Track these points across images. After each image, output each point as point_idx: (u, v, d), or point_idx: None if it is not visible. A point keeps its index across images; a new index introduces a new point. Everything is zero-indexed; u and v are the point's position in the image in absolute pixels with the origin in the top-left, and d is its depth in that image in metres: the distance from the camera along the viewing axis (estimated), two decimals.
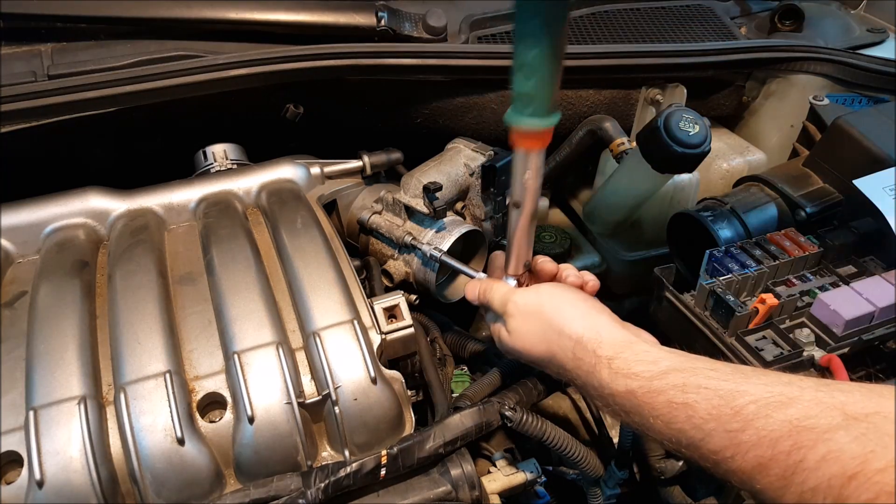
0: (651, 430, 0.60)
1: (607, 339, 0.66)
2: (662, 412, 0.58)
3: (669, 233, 1.13)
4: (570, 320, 0.69)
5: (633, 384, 0.61)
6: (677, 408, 0.57)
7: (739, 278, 0.87)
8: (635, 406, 0.61)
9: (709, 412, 0.55)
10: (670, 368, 0.60)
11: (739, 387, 0.55)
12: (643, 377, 0.61)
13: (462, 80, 1.14)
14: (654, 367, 0.61)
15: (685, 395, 0.57)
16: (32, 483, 0.62)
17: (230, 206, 0.96)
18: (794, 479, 0.48)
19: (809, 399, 0.50)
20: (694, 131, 1.04)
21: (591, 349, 0.66)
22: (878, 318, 0.82)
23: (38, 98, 0.92)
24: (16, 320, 0.77)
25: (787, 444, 0.49)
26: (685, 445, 0.57)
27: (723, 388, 0.55)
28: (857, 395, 0.49)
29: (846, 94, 1.27)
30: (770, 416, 0.51)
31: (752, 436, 0.51)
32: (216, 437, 0.70)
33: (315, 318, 0.77)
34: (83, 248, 0.87)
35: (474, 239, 1.08)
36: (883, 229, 0.90)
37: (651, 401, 0.59)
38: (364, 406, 0.73)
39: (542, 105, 0.67)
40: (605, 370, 0.64)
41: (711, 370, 0.58)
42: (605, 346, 0.65)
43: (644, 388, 0.60)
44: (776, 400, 0.52)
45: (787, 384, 0.53)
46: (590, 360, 0.65)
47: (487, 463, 0.89)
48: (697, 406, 0.56)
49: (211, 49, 1.05)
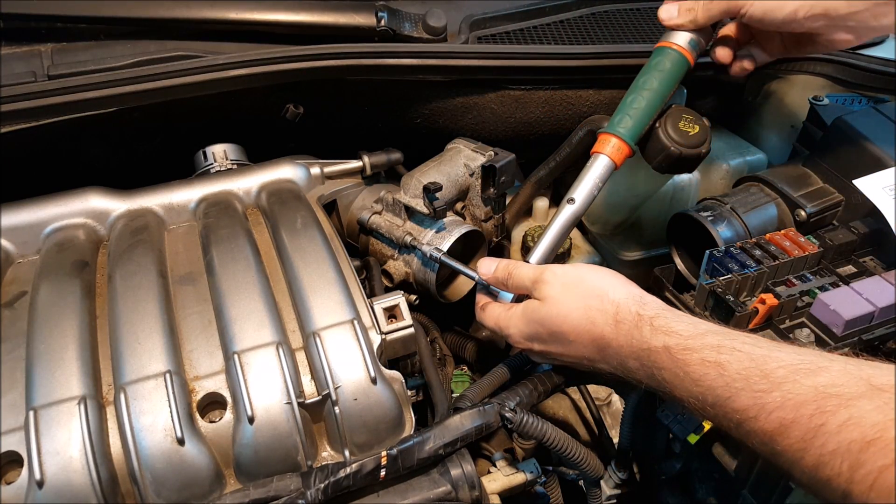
0: (677, 388, 0.63)
1: (651, 302, 0.70)
2: (694, 369, 0.61)
3: (669, 233, 1.13)
4: (613, 288, 0.72)
5: (670, 341, 0.64)
6: (709, 366, 0.60)
7: (739, 278, 0.87)
8: (668, 361, 0.63)
9: (739, 372, 0.57)
10: (708, 331, 0.63)
11: (772, 353, 0.57)
12: (682, 335, 0.64)
13: (462, 80, 1.14)
14: (693, 329, 0.64)
15: (719, 356, 0.60)
16: (32, 483, 0.62)
17: (230, 206, 0.96)
18: (814, 441, 0.49)
19: (838, 369, 0.53)
20: (694, 131, 1.04)
21: (635, 310, 0.69)
22: (878, 318, 0.82)
23: (38, 98, 0.91)
24: (16, 320, 0.77)
25: (811, 408, 0.50)
26: (710, 403, 0.59)
27: (756, 352, 0.58)
28: (885, 369, 0.51)
29: (846, 94, 1.27)
30: (798, 381, 0.53)
31: (777, 397, 0.53)
32: (216, 437, 0.70)
33: (315, 318, 0.77)
34: (83, 248, 0.87)
35: (474, 239, 1.08)
36: (883, 229, 0.90)
37: (685, 357, 0.62)
38: (364, 406, 0.73)
39: (635, 131, 0.91)
40: (646, 327, 0.66)
41: (747, 337, 0.61)
42: (648, 307, 0.69)
43: (681, 345, 0.63)
44: (805, 367, 0.54)
45: (818, 355, 0.56)
46: (632, 320, 0.68)
47: (487, 463, 0.90)
48: (729, 366, 0.58)
49: (211, 49, 1.05)
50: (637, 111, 0.91)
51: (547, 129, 1.25)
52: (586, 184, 0.88)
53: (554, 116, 1.23)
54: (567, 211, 0.87)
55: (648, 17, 1.34)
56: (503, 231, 1.17)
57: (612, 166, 0.90)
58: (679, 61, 0.94)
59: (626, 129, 0.90)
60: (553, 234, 0.87)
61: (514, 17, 1.25)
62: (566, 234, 0.88)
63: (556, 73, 1.16)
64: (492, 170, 1.03)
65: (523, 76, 1.16)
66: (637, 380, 0.69)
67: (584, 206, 0.88)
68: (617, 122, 0.91)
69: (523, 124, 1.23)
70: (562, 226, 0.87)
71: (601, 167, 0.89)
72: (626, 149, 0.90)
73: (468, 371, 1.21)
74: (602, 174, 0.89)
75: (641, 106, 0.91)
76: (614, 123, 0.91)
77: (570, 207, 0.87)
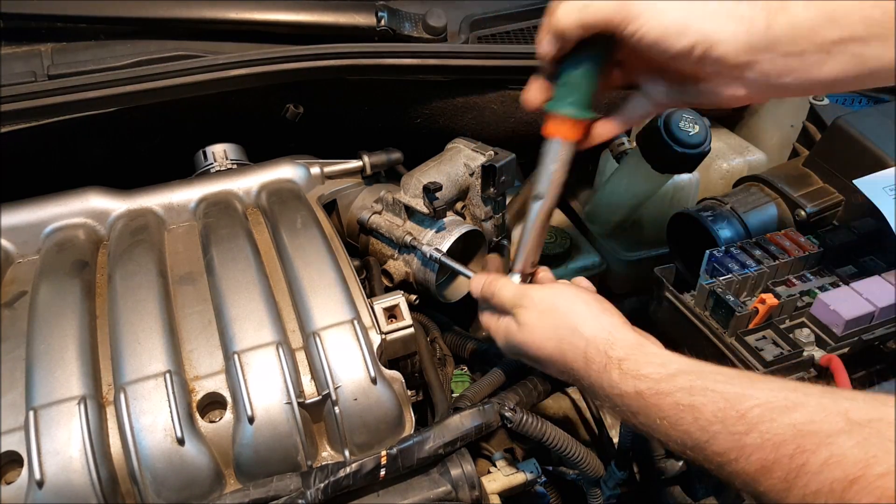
0: (657, 432, 0.61)
1: (619, 340, 0.67)
2: (669, 413, 0.59)
3: (669, 233, 1.13)
4: (583, 320, 0.70)
5: (641, 385, 0.61)
6: (684, 409, 0.58)
7: (739, 278, 0.87)
8: (643, 407, 0.61)
9: (714, 414, 0.55)
10: (678, 371, 0.61)
11: (745, 391, 0.55)
12: (652, 378, 0.61)
13: (462, 80, 1.14)
14: (663, 370, 0.61)
15: (692, 398, 0.57)
16: (32, 483, 0.62)
17: (230, 206, 0.96)
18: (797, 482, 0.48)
19: (814, 404, 0.51)
20: (694, 131, 1.04)
21: (603, 350, 0.66)
22: (878, 318, 0.82)
23: (38, 98, 0.91)
24: (16, 320, 0.77)
25: (791, 448, 0.49)
26: (690, 447, 0.58)
27: (729, 391, 0.56)
28: (861, 401, 0.49)
29: (846, 94, 1.27)
30: (774, 419, 0.51)
31: (755, 438, 0.52)
32: (216, 437, 0.70)
33: (315, 318, 0.77)
34: (83, 248, 0.87)
35: (474, 239, 1.08)
36: (883, 229, 0.90)
37: (658, 402, 0.60)
38: (364, 406, 0.73)
39: (584, 99, 0.72)
40: (615, 371, 0.64)
41: (719, 374, 0.59)
42: (616, 347, 0.66)
43: (652, 389, 0.61)
44: (781, 404, 0.52)
45: (792, 390, 0.54)
46: (601, 361, 0.66)
47: (487, 463, 0.89)
48: (703, 408, 0.56)
49: (211, 49, 1.05)
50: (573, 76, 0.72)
51: None
52: (546, 174, 0.77)
53: None
54: (535, 209, 0.78)
55: None
56: (503, 231, 1.17)
57: (569, 145, 0.76)
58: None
59: (566, 101, 0.73)
60: (530, 238, 0.80)
61: (514, 17, 1.25)
62: (544, 232, 0.81)
63: None
64: (492, 170, 1.03)
65: (523, 76, 1.15)
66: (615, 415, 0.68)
67: (553, 197, 0.78)
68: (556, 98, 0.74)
69: (523, 124, 1.23)
70: (536, 227, 0.80)
71: (555, 151, 0.76)
72: (577, 121, 0.74)
73: (468, 371, 1.21)
74: (562, 157, 0.76)
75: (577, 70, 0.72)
76: (554, 100, 0.74)
77: (538, 204, 0.78)
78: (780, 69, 0.62)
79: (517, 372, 0.90)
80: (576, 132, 0.74)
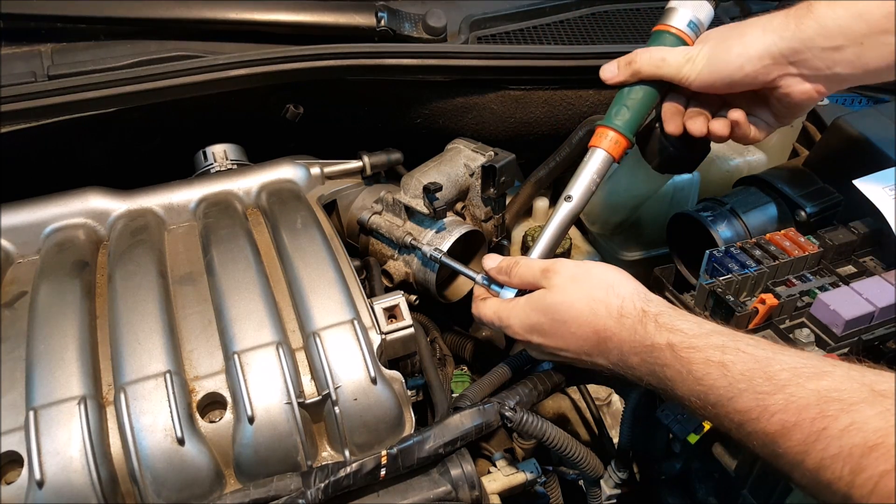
0: (679, 386, 0.63)
1: (655, 300, 0.71)
2: (697, 367, 0.61)
3: (669, 233, 1.13)
4: (619, 283, 0.73)
5: (674, 338, 0.64)
6: (713, 365, 0.60)
7: (739, 278, 0.87)
8: (671, 359, 0.64)
9: (742, 373, 0.58)
10: (713, 331, 0.64)
11: (776, 355, 0.58)
12: (686, 333, 0.64)
13: (462, 80, 1.14)
14: (698, 328, 0.64)
15: (723, 356, 0.60)
16: (32, 483, 0.62)
17: (230, 206, 0.96)
18: (816, 445, 0.50)
19: (840, 374, 0.53)
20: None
21: (640, 306, 0.69)
22: (878, 318, 0.82)
23: (38, 98, 0.91)
24: (16, 320, 0.77)
25: (813, 412, 0.51)
26: (712, 403, 0.60)
27: (760, 354, 0.59)
28: (887, 376, 0.52)
29: (846, 94, 1.27)
30: (801, 384, 0.54)
31: (780, 400, 0.54)
32: (216, 437, 0.70)
33: (315, 318, 0.77)
34: (83, 248, 0.87)
35: (474, 239, 1.08)
36: (883, 229, 0.90)
37: (689, 355, 0.62)
38: (364, 406, 0.73)
39: (634, 123, 0.87)
40: (651, 323, 0.67)
41: (751, 339, 0.62)
42: (653, 304, 0.70)
43: (685, 343, 0.63)
44: (809, 371, 0.54)
45: (821, 360, 0.56)
46: (636, 315, 0.68)
47: (487, 463, 0.90)
48: (733, 366, 0.59)
49: (211, 49, 1.05)
50: (634, 102, 0.87)
51: (547, 129, 1.25)
52: (583, 179, 0.86)
53: (554, 116, 1.23)
54: (564, 209, 0.86)
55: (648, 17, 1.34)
56: (503, 231, 1.17)
57: (610, 160, 0.87)
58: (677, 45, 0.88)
59: (623, 121, 0.87)
60: (551, 232, 0.86)
61: (514, 17, 1.25)
62: (564, 231, 0.87)
63: (556, 73, 1.16)
64: (492, 170, 1.03)
65: (523, 76, 1.16)
66: (637, 376, 0.69)
67: (582, 203, 0.86)
68: (614, 115, 0.88)
69: (523, 124, 1.23)
70: (560, 224, 0.86)
71: (598, 162, 0.86)
72: (625, 142, 0.87)
73: (468, 371, 1.21)
74: (600, 169, 0.87)
75: (639, 97, 0.87)
76: (611, 116, 0.88)
77: (568, 205, 0.86)
78: (827, 62, 0.75)
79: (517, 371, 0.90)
80: (619, 150, 0.87)
